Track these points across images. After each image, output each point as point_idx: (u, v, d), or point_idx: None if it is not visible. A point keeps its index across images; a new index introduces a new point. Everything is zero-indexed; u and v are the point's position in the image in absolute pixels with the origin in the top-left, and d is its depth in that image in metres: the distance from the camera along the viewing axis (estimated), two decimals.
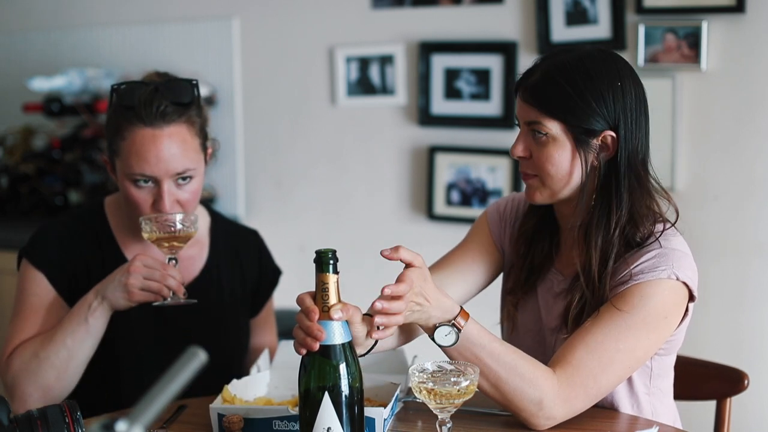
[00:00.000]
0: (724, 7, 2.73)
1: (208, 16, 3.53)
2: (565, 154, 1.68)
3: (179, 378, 0.97)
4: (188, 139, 1.86)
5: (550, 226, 1.84)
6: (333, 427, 1.43)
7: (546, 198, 1.73)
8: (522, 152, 1.72)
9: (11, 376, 1.86)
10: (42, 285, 1.93)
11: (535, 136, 1.70)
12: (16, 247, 2.04)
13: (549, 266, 1.82)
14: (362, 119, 3.32)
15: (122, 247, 1.99)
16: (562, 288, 1.77)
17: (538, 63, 1.73)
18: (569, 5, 2.94)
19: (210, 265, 2.05)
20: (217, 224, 2.10)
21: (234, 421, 1.62)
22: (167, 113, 1.83)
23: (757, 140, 2.77)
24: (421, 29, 3.20)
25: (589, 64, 1.68)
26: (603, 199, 1.68)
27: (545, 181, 1.70)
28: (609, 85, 1.66)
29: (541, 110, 1.68)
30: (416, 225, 3.28)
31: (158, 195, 1.85)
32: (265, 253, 2.17)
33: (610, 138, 1.67)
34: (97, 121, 3.53)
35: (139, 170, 1.83)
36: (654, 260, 1.64)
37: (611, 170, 1.68)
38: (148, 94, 1.84)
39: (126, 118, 1.84)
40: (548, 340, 1.79)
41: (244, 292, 2.10)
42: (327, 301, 1.45)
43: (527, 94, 1.70)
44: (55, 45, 3.79)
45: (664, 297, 1.63)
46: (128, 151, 1.84)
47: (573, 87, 1.66)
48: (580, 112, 1.66)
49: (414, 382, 1.50)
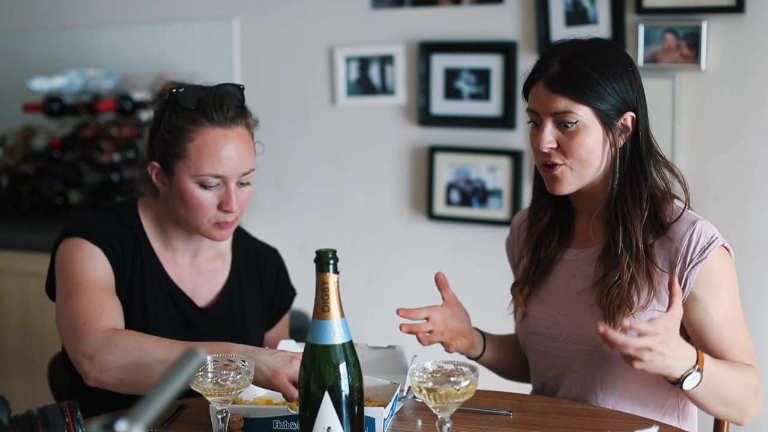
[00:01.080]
0: (723, 7, 2.73)
1: (208, 16, 3.53)
2: (597, 138, 1.73)
3: (179, 378, 0.97)
4: (250, 141, 1.94)
5: (562, 215, 1.87)
6: (333, 427, 1.43)
7: (574, 186, 1.77)
8: (551, 144, 1.74)
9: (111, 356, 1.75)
10: (100, 259, 1.90)
11: (562, 126, 1.72)
12: (16, 247, 2.03)
13: (563, 250, 1.87)
14: (362, 119, 3.32)
15: (155, 252, 2.00)
16: (584, 258, 1.83)
17: (550, 55, 1.75)
18: (569, 5, 2.94)
19: (232, 278, 2.08)
20: (239, 239, 2.12)
21: (234, 421, 1.62)
22: (234, 115, 1.90)
23: (757, 140, 2.77)
24: (421, 29, 3.20)
25: (602, 51, 1.75)
26: (630, 177, 1.76)
27: (575, 167, 1.75)
28: (624, 68, 1.75)
29: (572, 98, 1.71)
30: (416, 225, 3.28)
31: (226, 195, 1.89)
32: (283, 273, 2.19)
33: (630, 119, 1.75)
34: (97, 121, 3.54)
35: (211, 170, 1.86)
36: (703, 235, 1.73)
37: (634, 149, 1.76)
38: (215, 97, 1.89)
39: (193, 120, 1.88)
40: (568, 308, 1.83)
41: (262, 307, 2.12)
42: (327, 301, 1.45)
43: (555, 84, 1.72)
44: (55, 45, 3.79)
45: (729, 263, 1.76)
46: (198, 151, 1.87)
47: (597, 72, 1.71)
48: (606, 96, 1.72)
49: (414, 382, 1.50)
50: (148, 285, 1.96)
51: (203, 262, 2.04)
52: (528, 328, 1.90)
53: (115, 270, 1.91)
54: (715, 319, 1.72)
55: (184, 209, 1.91)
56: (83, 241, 1.90)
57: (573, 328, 1.80)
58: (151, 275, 1.96)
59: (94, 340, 1.75)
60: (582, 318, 1.79)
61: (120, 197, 3.42)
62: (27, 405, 1.80)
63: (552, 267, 1.88)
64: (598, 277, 1.78)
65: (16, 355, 3.37)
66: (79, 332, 1.78)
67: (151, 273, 1.96)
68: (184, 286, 2.01)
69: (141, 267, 1.96)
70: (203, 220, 1.90)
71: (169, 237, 1.99)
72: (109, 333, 1.76)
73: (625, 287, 1.72)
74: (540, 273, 1.88)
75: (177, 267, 2.01)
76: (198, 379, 1.57)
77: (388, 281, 3.30)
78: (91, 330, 1.77)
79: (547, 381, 1.89)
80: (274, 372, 1.63)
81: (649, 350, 1.51)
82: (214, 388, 1.56)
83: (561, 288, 1.85)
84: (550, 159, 1.75)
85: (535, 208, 1.90)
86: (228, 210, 1.89)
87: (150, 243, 1.99)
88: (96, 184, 3.48)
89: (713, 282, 1.72)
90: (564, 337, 1.82)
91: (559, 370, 1.85)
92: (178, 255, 2.01)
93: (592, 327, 1.73)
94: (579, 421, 1.68)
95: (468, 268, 3.12)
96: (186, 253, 2.01)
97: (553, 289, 1.87)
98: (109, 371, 1.73)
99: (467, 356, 1.97)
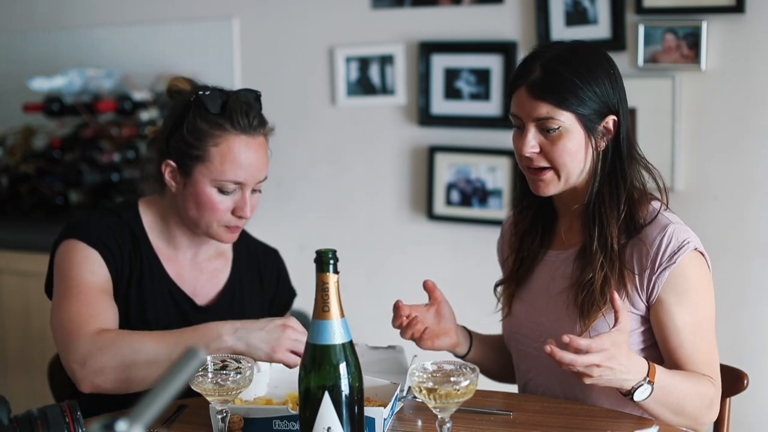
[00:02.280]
0: (723, 7, 2.73)
1: (208, 16, 3.52)
2: (579, 143, 1.74)
3: (179, 378, 0.97)
4: (267, 149, 1.97)
5: (545, 215, 1.89)
6: (333, 427, 1.43)
7: (559, 188, 1.79)
8: (534, 148, 1.75)
9: (101, 357, 1.75)
10: (98, 262, 1.90)
11: (545, 130, 1.73)
12: (16, 247, 2.03)
13: (544, 251, 1.89)
14: (362, 119, 3.32)
15: (156, 251, 2.00)
16: (563, 259, 1.84)
17: (531, 59, 1.76)
18: (569, 5, 2.94)
19: (233, 277, 2.08)
20: (240, 239, 2.11)
21: (234, 421, 1.62)
22: (258, 124, 1.93)
23: (757, 140, 2.77)
24: (421, 29, 3.19)
25: (583, 54, 1.76)
26: (610, 178, 1.77)
27: (560, 172, 1.76)
28: (606, 72, 1.76)
29: (553, 104, 1.72)
30: (416, 225, 3.28)
31: (241, 201, 1.91)
32: (284, 273, 2.20)
33: (612, 121, 1.76)
34: (97, 121, 3.54)
35: (233, 176, 1.89)
36: (673, 239, 1.72)
37: (615, 151, 1.77)
38: (241, 104, 1.92)
39: (219, 125, 1.89)
40: (549, 309, 1.84)
41: (262, 307, 2.13)
42: (327, 301, 1.45)
43: (536, 90, 1.72)
44: (55, 45, 3.79)
45: (701, 269, 1.75)
46: (222, 157, 1.88)
47: (578, 77, 1.72)
48: (588, 101, 1.72)
49: (414, 382, 1.50)
50: (148, 285, 1.96)
51: (204, 261, 2.05)
52: (512, 328, 1.93)
53: (113, 273, 1.92)
54: (678, 325, 1.72)
55: (197, 210, 1.92)
56: (81, 244, 1.90)
57: (553, 329, 1.80)
58: (151, 275, 1.97)
59: (84, 345, 1.76)
60: (560, 319, 1.80)
61: (120, 197, 3.42)
62: (27, 405, 1.79)
63: (533, 268, 1.90)
64: (575, 279, 1.79)
65: (16, 355, 3.37)
66: (69, 340, 1.79)
67: (150, 273, 1.97)
68: (185, 285, 2.01)
69: (140, 267, 1.96)
70: (214, 223, 1.92)
71: (173, 235, 2.00)
72: (96, 336, 1.77)
73: (598, 287, 1.73)
74: (523, 272, 1.90)
75: (178, 265, 2.01)
76: (198, 379, 1.57)
77: (388, 281, 3.30)
78: (81, 335, 1.77)
79: (529, 381, 1.91)
80: (272, 347, 1.69)
81: (598, 366, 1.54)
82: (214, 388, 1.56)
83: (542, 289, 1.87)
84: (533, 163, 1.76)
85: (519, 207, 1.93)
86: (242, 216, 1.92)
87: (151, 242, 1.99)
88: (96, 184, 3.48)
89: (681, 288, 1.72)
90: (545, 337, 1.80)
91: (539, 371, 1.87)
92: (180, 253, 2.01)
93: (568, 327, 1.76)
94: (579, 421, 1.68)
95: (468, 268, 3.13)
96: (188, 251, 2.02)
97: (534, 290, 1.89)
98: (103, 374, 1.74)
99: (453, 354, 1.98)
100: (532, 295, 1.89)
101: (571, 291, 1.79)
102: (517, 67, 1.81)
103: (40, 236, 3.27)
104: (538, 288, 1.88)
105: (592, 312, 1.74)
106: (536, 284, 1.89)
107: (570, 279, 1.81)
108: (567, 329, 1.74)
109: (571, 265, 1.82)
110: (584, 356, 1.53)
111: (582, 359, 1.53)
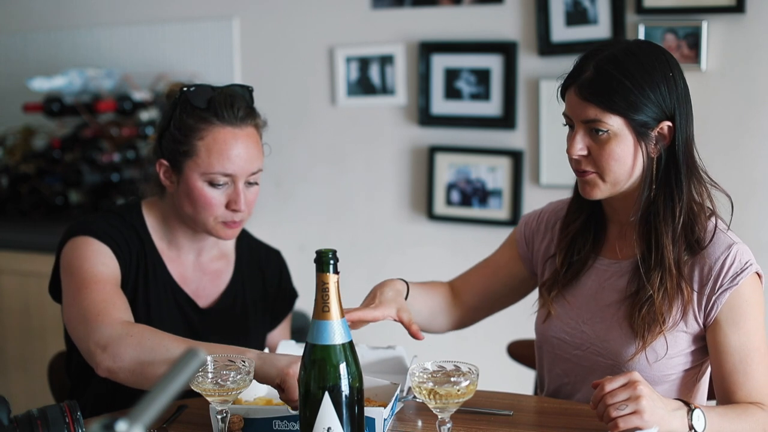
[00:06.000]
0: (724, 7, 2.73)
1: (208, 16, 3.53)
2: (628, 148, 1.68)
3: (179, 378, 0.97)
4: (258, 141, 1.95)
5: (597, 220, 1.84)
6: (333, 427, 1.43)
7: (606, 193, 1.73)
8: (582, 151, 1.70)
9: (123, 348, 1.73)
10: (108, 256, 1.90)
11: (594, 133, 1.68)
12: (16, 247, 2.02)
13: (594, 257, 1.83)
14: (362, 119, 3.32)
15: (159, 253, 2.00)
16: (615, 270, 1.79)
17: (586, 59, 1.71)
18: (569, 5, 2.94)
19: (236, 278, 2.08)
20: (242, 240, 2.12)
21: (234, 421, 1.62)
22: (244, 115, 1.92)
23: (757, 140, 2.77)
24: (421, 29, 3.20)
25: (640, 56, 1.68)
26: (665, 188, 1.70)
27: (606, 177, 1.70)
28: (663, 75, 1.67)
29: (602, 107, 1.66)
30: (416, 225, 3.28)
31: (234, 194, 1.90)
32: (286, 274, 2.19)
33: (667, 128, 1.69)
34: (97, 121, 3.54)
35: (221, 168, 1.88)
36: (737, 260, 1.68)
37: (669, 159, 1.70)
38: (226, 97, 1.91)
39: (204, 119, 1.89)
40: (594, 318, 1.79)
41: (265, 308, 2.13)
42: (327, 301, 1.44)
43: (585, 92, 1.67)
44: (55, 45, 3.79)
45: (758, 291, 1.70)
46: (208, 149, 1.88)
47: (631, 80, 1.65)
48: (640, 105, 1.66)
49: (414, 382, 1.50)
50: (152, 285, 1.96)
51: (207, 262, 2.04)
52: (549, 331, 1.87)
53: (122, 268, 1.92)
54: (734, 347, 1.67)
55: (192, 207, 1.91)
56: (90, 239, 1.90)
57: (597, 339, 1.77)
58: (155, 276, 1.97)
59: (109, 330, 1.74)
60: (608, 332, 1.76)
61: (120, 197, 3.43)
62: (27, 405, 1.80)
63: (582, 273, 1.84)
64: (629, 293, 1.74)
65: (16, 355, 3.37)
66: (92, 323, 1.76)
67: (154, 274, 1.97)
68: (187, 287, 2.01)
69: (145, 267, 1.96)
70: (210, 219, 1.91)
71: (175, 236, 2.00)
72: (124, 324, 1.75)
73: (657, 305, 1.69)
74: (570, 276, 1.84)
75: (181, 266, 2.01)
76: (198, 379, 1.57)
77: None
78: (106, 321, 1.76)
79: (563, 386, 1.87)
80: (290, 367, 1.60)
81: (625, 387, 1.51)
82: (214, 388, 1.56)
83: (589, 297, 1.82)
84: (580, 166, 1.72)
85: (572, 208, 1.87)
86: (236, 209, 1.90)
87: (154, 244, 1.99)
88: (96, 184, 3.48)
89: (739, 310, 1.67)
90: (586, 346, 1.79)
91: (577, 377, 1.83)
92: (183, 254, 2.02)
93: (618, 341, 1.73)
94: (579, 421, 1.68)
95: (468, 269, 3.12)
96: (190, 252, 2.02)
97: (580, 296, 1.83)
98: (122, 362, 1.71)
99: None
100: (577, 301, 1.83)
101: (623, 305, 1.75)
102: (572, 65, 1.74)
103: (40, 236, 3.27)
104: (584, 294, 1.83)
105: (649, 331, 1.70)
106: (582, 290, 1.83)
107: (623, 293, 1.76)
108: (614, 343, 1.73)
109: (625, 278, 1.77)
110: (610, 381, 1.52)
111: (609, 384, 1.51)
